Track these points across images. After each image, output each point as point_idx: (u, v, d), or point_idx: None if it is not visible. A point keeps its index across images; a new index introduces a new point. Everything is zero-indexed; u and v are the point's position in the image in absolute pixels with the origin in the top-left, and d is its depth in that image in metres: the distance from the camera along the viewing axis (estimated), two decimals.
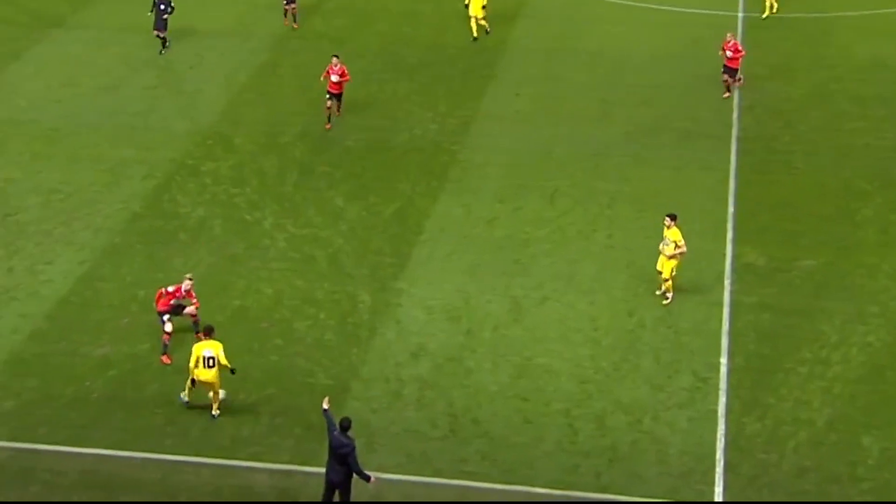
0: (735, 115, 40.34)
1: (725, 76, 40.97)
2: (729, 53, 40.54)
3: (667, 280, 30.34)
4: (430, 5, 49.11)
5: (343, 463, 23.57)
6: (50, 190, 35.61)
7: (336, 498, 23.97)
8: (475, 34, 45.26)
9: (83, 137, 38.62)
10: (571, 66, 43.91)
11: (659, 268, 30.45)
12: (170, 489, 24.90)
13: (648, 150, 38.11)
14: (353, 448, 23.55)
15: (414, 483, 25.26)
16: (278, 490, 24.95)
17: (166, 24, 43.46)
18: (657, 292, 30.65)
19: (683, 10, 48.53)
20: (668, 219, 30.23)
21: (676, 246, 29.92)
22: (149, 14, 43.75)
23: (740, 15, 48.03)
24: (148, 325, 29.68)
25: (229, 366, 26.61)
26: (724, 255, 32.79)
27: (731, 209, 34.94)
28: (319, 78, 38.89)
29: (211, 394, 26.76)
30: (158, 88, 41.89)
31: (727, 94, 40.99)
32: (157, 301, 28.78)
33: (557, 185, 36.08)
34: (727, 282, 31.66)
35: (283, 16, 46.69)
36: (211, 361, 26.41)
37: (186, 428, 26.60)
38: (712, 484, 25.32)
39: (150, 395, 27.53)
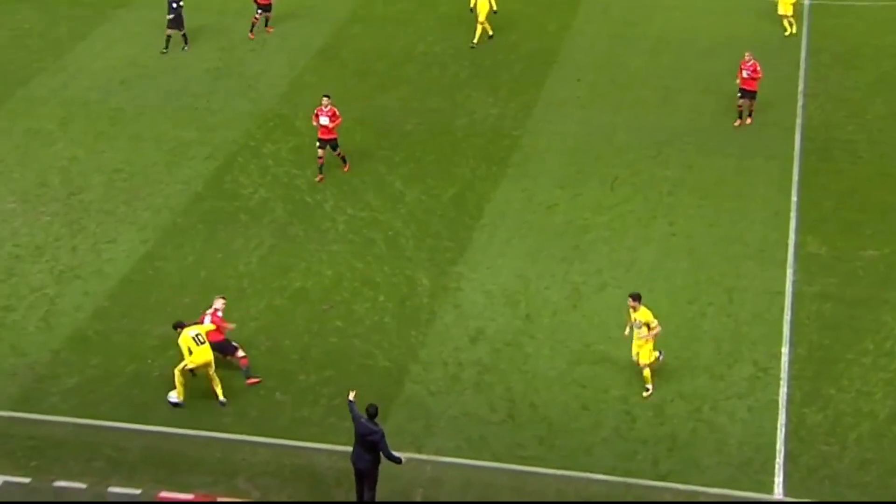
0: (800, 103, 39.96)
1: (741, 101, 37.80)
2: (746, 74, 37.50)
3: (645, 366, 26.99)
4: None
5: (371, 450, 23.62)
6: (113, 169, 35.99)
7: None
8: (476, 41, 43.34)
9: (146, 118, 38.98)
10: (634, 51, 43.69)
11: (634, 355, 27.07)
12: (230, 468, 25.15)
13: (711, 137, 37.86)
14: (382, 434, 23.55)
15: (472, 467, 25.35)
16: (336, 471, 25.11)
17: (182, 21, 42.60)
18: (644, 394, 27.17)
19: None
20: (631, 300, 26.83)
21: (649, 328, 26.68)
22: (169, 17, 42.81)
23: (807, 2, 47.53)
24: (208, 305, 29.90)
25: (227, 325, 27.15)
26: (787, 244, 32.55)
27: (794, 198, 34.67)
28: (311, 120, 35.42)
29: (212, 373, 26.74)
30: (220, 70, 42.15)
31: (739, 123, 37.84)
32: (207, 335, 27.12)
33: (618, 172, 35.95)
34: (789, 271, 31.43)
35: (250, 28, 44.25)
36: (200, 338, 26.58)
37: (245, 408, 26.86)
38: (772, 474, 25.20)
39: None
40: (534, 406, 26.91)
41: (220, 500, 24.40)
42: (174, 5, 42.46)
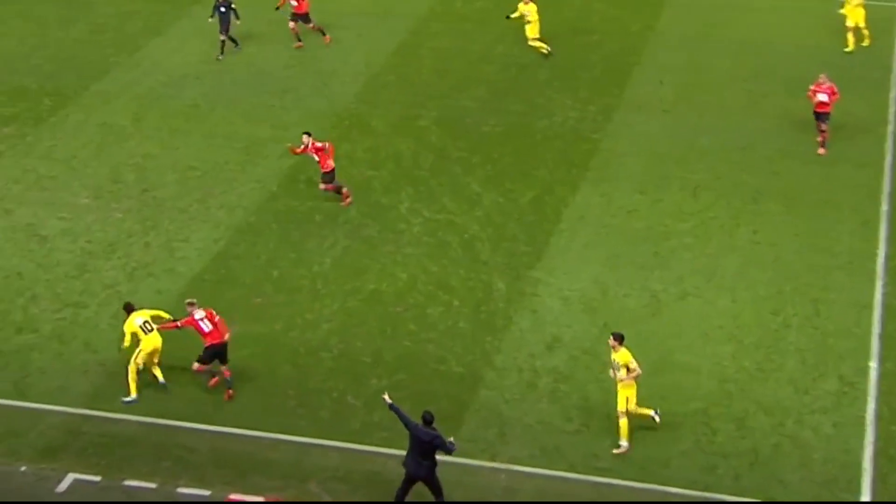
0: (891, 110, 39.39)
1: (821, 125, 36.09)
2: (823, 97, 35.89)
3: (624, 414, 25.65)
4: None
5: (429, 456, 23.62)
6: (186, 167, 36.32)
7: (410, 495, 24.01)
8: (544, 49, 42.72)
9: (220, 115, 39.32)
10: (718, 54, 43.35)
11: (622, 402, 25.76)
12: (300, 471, 25.25)
13: (797, 143, 37.41)
14: (440, 436, 23.61)
15: (547, 477, 25.24)
16: None
17: (228, 24, 42.34)
18: (616, 451, 25.75)
19: None
20: (612, 339, 25.73)
21: (628, 370, 25.61)
22: (209, 20, 42.80)
23: None
24: (281, 304, 30.16)
25: (168, 319, 27.32)
26: (876, 254, 32.08)
27: (884, 207, 34.15)
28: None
29: (157, 361, 27.12)
30: (295, 68, 42.41)
31: (823, 151, 36.33)
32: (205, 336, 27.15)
33: (701, 178, 35.66)
34: (879, 283, 30.97)
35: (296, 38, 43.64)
36: (148, 326, 26.89)
37: (317, 410, 26.95)
38: (858, 493, 24.83)
39: (283, 376, 27.94)
40: (611, 416, 26.68)
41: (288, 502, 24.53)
42: (222, 9, 42.29)
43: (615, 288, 30.91)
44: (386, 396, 24.25)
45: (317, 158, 34.01)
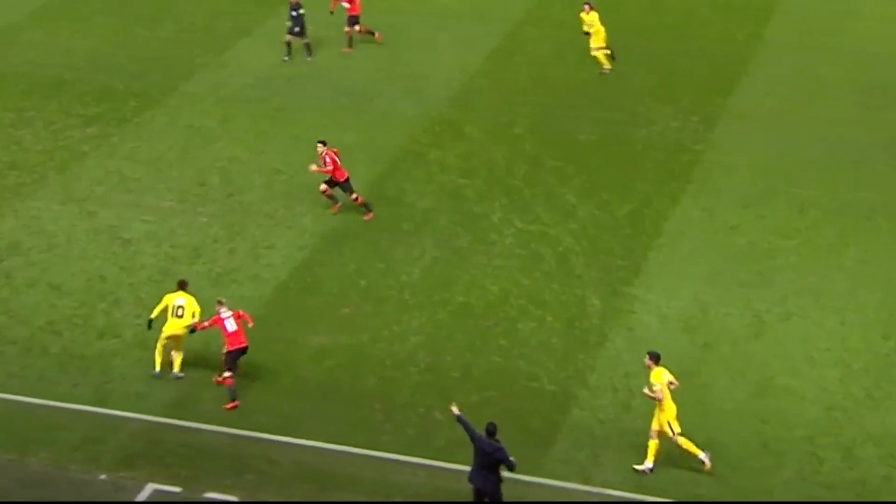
0: None
1: None
2: None
3: (655, 435, 25.44)
4: None
5: (495, 470, 23.63)
6: (273, 171, 36.63)
7: None
8: (605, 66, 42.19)
9: (308, 118, 39.60)
10: (828, 63, 42.87)
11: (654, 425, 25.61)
12: (385, 488, 25.30)
13: None
14: (504, 450, 23.62)
15: (641, 503, 25.03)
16: None
17: (304, 29, 42.66)
18: (639, 467, 25.74)
19: None
20: (648, 358, 25.80)
21: (652, 391, 25.51)
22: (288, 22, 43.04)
23: None
24: (368, 315, 30.28)
25: (195, 320, 27.80)
26: None
27: None
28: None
29: (174, 352, 27.92)
30: (386, 70, 42.61)
31: None
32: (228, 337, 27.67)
33: (809, 193, 35.25)
34: None
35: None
36: (181, 311, 27.55)
37: (403, 425, 27.00)
38: None
39: (368, 389, 28.04)
40: (710, 440, 26.43)
41: None
42: (294, 13, 42.54)
43: (716, 307, 30.63)
44: (454, 408, 24.23)
45: (329, 167, 33.60)
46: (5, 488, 25.23)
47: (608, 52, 41.99)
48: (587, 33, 42.18)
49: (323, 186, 34.15)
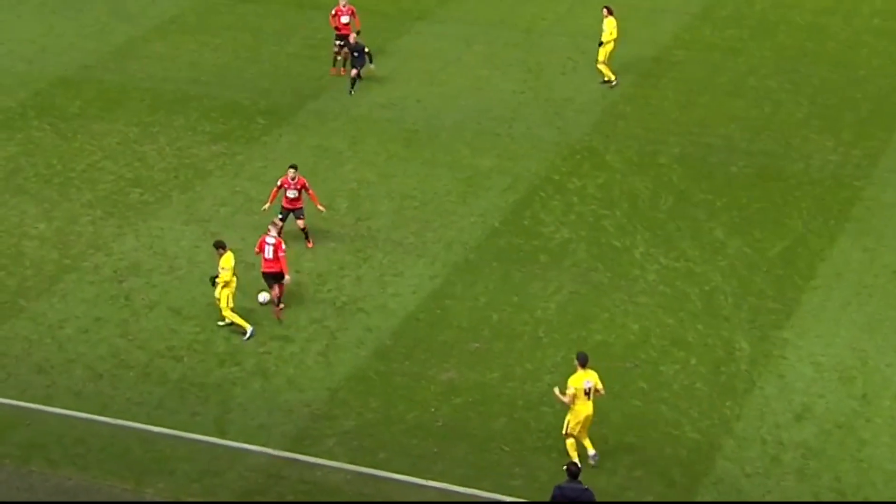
0: None
1: None
2: None
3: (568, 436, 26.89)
4: (840, 18, 48.12)
5: None
6: (403, 196, 37.02)
7: None
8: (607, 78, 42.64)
9: (442, 141, 39.97)
10: None
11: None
12: None
13: None
14: (591, 492, 23.78)
15: None
16: None
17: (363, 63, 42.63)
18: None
19: None
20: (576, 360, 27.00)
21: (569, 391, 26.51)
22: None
23: None
24: (499, 352, 30.41)
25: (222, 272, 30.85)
26: None
27: None
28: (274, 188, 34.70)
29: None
30: (526, 93, 42.83)
31: None
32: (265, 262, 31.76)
33: None
34: None
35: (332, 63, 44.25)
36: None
37: (534, 469, 27.06)
38: None
39: (498, 429, 28.15)
40: (868, 501, 26.08)
41: None
42: (355, 53, 42.29)
43: (876, 356, 30.21)
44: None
45: (294, 195, 33.96)
46: None
47: (606, 67, 42.42)
48: (601, 39, 42.59)
49: (277, 220, 33.49)
